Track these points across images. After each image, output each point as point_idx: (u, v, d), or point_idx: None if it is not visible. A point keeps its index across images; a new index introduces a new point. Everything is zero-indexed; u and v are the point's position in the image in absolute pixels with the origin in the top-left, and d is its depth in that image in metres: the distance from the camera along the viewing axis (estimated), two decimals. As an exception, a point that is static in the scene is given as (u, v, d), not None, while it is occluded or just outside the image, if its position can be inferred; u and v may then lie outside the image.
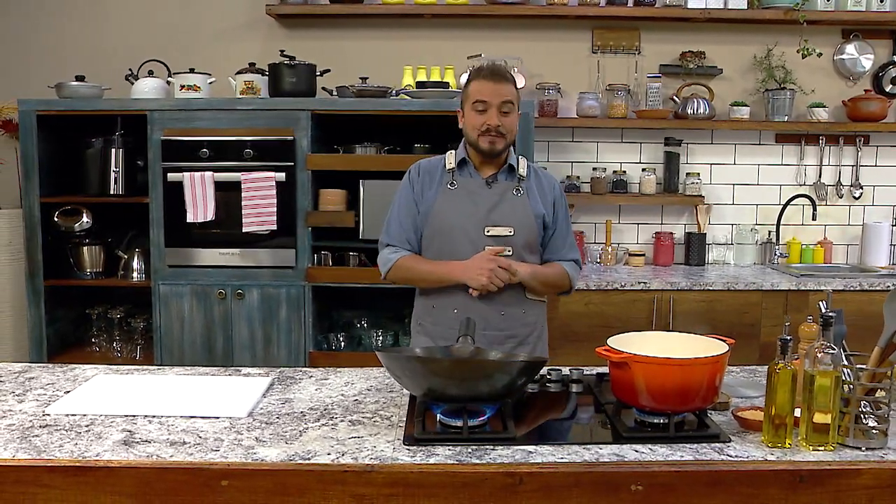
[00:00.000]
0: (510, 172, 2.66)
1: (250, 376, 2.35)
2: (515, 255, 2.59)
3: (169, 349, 3.96)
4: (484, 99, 2.52)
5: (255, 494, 1.68)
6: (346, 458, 1.73)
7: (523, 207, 2.62)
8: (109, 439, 1.83)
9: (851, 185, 4.70)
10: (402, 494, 1.67)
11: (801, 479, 1.71)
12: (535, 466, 1.69)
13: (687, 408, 1.88)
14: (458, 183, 2.63)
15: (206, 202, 3.84)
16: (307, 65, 4.01)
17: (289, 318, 3.93)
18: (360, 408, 2.06)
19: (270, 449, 1.78)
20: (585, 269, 4.38)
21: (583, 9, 4.40)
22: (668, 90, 4.56)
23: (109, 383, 2.26)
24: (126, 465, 1.70)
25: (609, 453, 1.75)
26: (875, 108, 4.50)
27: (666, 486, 1.70)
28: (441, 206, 2.62)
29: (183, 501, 1.69)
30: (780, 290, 4.03)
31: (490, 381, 1.80)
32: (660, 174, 4.61)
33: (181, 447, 1.78)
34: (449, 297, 2.60)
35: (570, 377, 2.28)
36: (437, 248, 2.63)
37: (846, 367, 1.86)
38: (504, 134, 2.54)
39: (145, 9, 4.56)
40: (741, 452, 1.78)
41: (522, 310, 2.64)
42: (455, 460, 1.71)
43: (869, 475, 1.72)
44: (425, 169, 2.71)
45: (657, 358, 1.84)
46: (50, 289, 4.03)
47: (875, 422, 1.82)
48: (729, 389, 2.21)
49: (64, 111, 3.95)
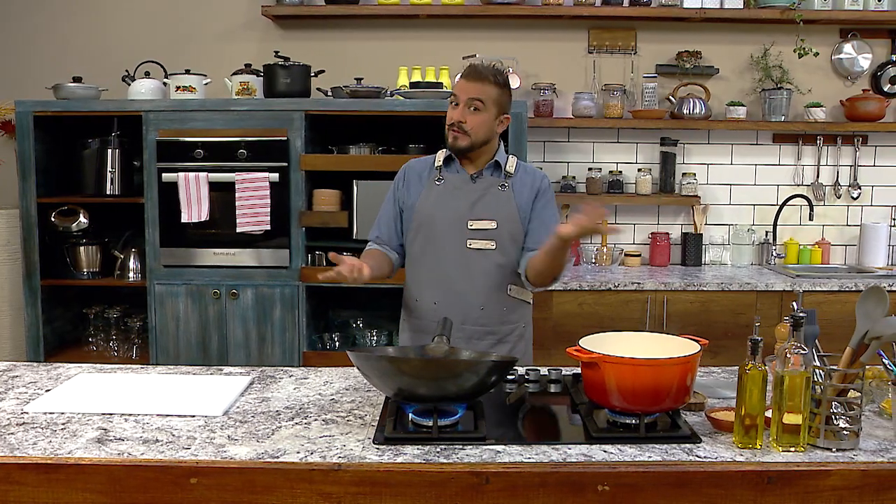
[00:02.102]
0: (496, 168, 2.65)
1: (231, 375, 2.36)
2: (500, 247, 2.59)
3: (164, 349, 3.98)
4: (455, 93, 2.55)
5: (224, 492, 1.70)
6: (315, 456, 1.74)
7: (508, 201, 2.61)
8: (83, 437, 1.85)
9: (849, 186, 4.68)
10: (369, 493, 1.68)
11: (769, 480, 1.71)
12: (502, 466, 1.70)
13: (658, 408, 1.88)
14: (445, 178, 2.65)
15: (201, 202, 3.86)
16: (301, 65, 4.02)
17: (283, 318, 3.95)
18: (335, 407, 2.08)
19: (241, 447, 1.79)
20: (580, 270, 4.38)
21: (578, 9, 4.40)
22: (664, 90, 4.56)
23: (91, 382, 2.28)
24: (96, 462, 1.72)
25: (577, 453, 1.76)
26: (873, 107, 4.47)
27: (633, 486, 1.70)
28: (425, 201, 2.64)
29: (152, 499, 1.70)
30: (774, 291, 4.02)
31: (458, 381, 1.81)
32: (656, 174, 4.60)
33: (153, 445, 1.80)
34: (430, 291, 2.63)
35: (549, 377, 2.28)
36: (422, 241, 2.65)
37: (818, 368, 1.86)
38: (467, 130, 2.53)
39: (143, 10, 4.59)
40: (710, 453, 1.78)
41: (503, 307, 2.64)
42: (423, 459, 1.72)
43: (837, 476, 1.72)
44: (415, 168, 2.74)
45: (627, 358, 1.85)
46: (47, 288, 4.06)
47: (847, 423, 1.82)
48: (706, 390, 2.21)
49: (61, 112, 3.98)
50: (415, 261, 2.69)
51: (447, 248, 2.60)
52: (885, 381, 2.08)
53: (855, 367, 1.86)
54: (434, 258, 2.63)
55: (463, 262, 2.59)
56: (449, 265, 2.60)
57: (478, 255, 2.59)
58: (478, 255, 2.59)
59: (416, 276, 2.70)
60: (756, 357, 1.82)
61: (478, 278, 2.60)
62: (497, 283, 2.61)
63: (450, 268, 2.60)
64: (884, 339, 1.83)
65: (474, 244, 2.59)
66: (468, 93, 2.52)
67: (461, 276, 2.60)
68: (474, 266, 2.59)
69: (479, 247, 2.59)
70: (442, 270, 2.61)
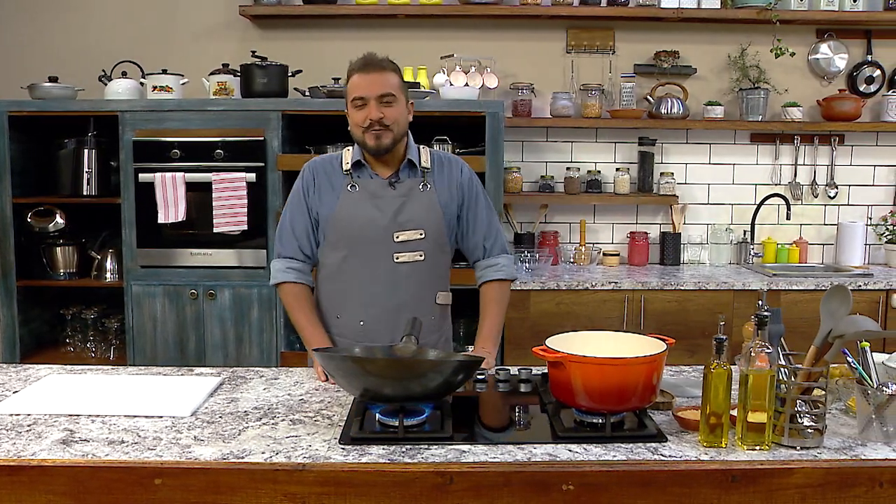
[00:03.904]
0: (412, 168, 2.50)
1: (202, 376, 2.36)
2: (429, 257, 2.48)
3: (142, 349, 3.97)
4: (361, 94, 2.36)
5: (188, 493, 1.69)
6: (280, 457, 1.74)
7: (432, 205, 2.48)
8: (49, 438, 1.84)
9: (826, 185, 4.71)
10: (333, 493, 1.68)
11: (733, 479, 1.72)
12: (466, 466, 1.70)
13: (624, 407, 1.88)
14: (359, 185, 2.47)
15: (177, 203, 3.85)
16: (278, 65, 4.02)
17: (261, 319, 3.94)
18: (303, 407, 2.07)
19: (207, 448, 1.79)
20: (558, 269, 4.39)
21: (556, 8, 4.40)
22: (642, 90, 4.57)
23: (60, 383, 2.27)
24: (60, 463, 1.71)
25: (542, 453, 1.76)
26: (849, 107, 4.50)
27: (597, 486, 1.70)
28: (343, 212, 2.46)
29: (117, 500, 1.70)
30: (751, 290, 4.04)
31: (423, 381, 1.81)
32: (634, 174, 4.61)
33: (118, 446, 1.80)
34: (354, 309, 2.49)
35: (519, 377, 2.29)
36: (342, 255, 2.48)
37: (782, 367, 1.87)
38: (388, 125, 2.37)
39: (120, 10, 4.57)
40: (676, 452, 1.78)
41: (432, 317, 2.52)
42: (387, 459, 1.72)
43: (801, 474, 1.73)
44: (321, 169, 2.53)
45: (592, 358, 1.85)
46: (23, 289, 4.04)
47: (811, 421, 1.83)
48: (675, 389, 2.22)
49: (37, 112, 3.96)
50: (332, 275, 2.51)
51: (372, 264, 2.45)
52: (851, 380, 2.09)
53: (819, 366, 1.88)
54: (357, 275, 2.47)
55: (391, 277, 2.45)
56: (375, 283, 2.46)
57: (406, 269, 2.46)
58: (406, 269, 2.46)
59: (334, 291, 2.52)
60: (721, 356, 1.83)
61: (406, 293, 2.46)
62: (426, 294, 2.51)
63: (376, 286, 2.46)
64: (846, 337, 1.84)
65: (402, 257, 2.45)
66: (376, 89, 2.35)
67: (389, 292, 2.46)
68: (403, 281, 2.46)
69: (406, 259, 2.46)
70: (367, 289, 2.46)
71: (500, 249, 2.62)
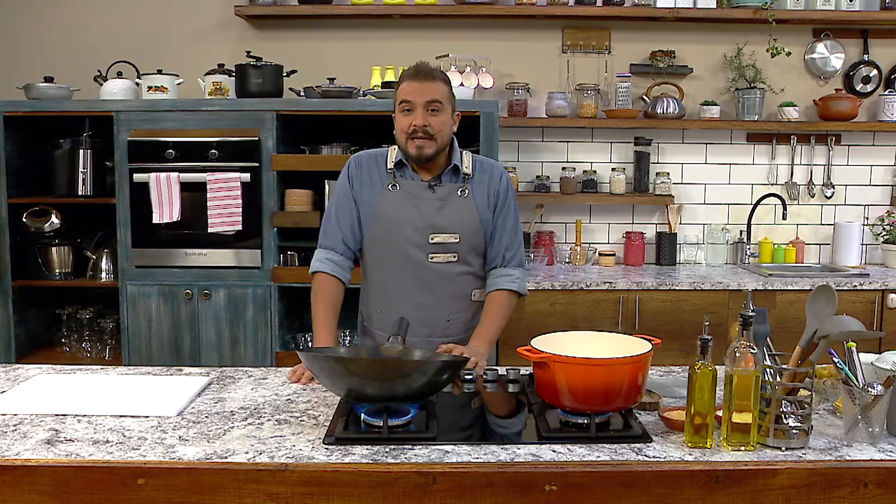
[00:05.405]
0: (454, 173, 2.56)
1: (190, 376, 2.36)
2: (461, 259, 2.55)
3: (137, 349, 3.97)
4: (409, 99, 2.42)
5: (172, 493, 1.69)
6: (264, 457, 1.73)
7: (469, 210, 2.54)
8: (34, 438, 1.84)
9: (823, 185, 4.70)
10: (316, 493, 1.68)
11: (717, 480, 1.72)
12: (449, 466, 1.70)
13: (609, 408, 1.88)
14: (400, 184, 2.54)
15: (172, 203, 3.86)
16: (273, 65, 4.02)
17: (255, 319, 3.94)
18: (290, 407, 2.07)
19: (191, 448, 1.79)
20: (553, 269, 4.38)
21: (552, 8, 4.40)
22: (638, 90, 4.57)
23: (48, 383, 2.27)
24: (44, 463, 1.71)
25: (526, 453, 1.76)
26: (846, 107, 4.49)
27: (581, 486, 1.70)
28: (383, 210, 2.54)
29: (100, 500, 1.70)
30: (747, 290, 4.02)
31: (407, 381, 1.81)
32: (630, 174, 4.60)
33: (103, 446, 1.80)
34: (392, 304, 2.55)
35: (507, 377, 2.29)
36: (380, 252, 2.56)
37: (767, 367, 1.87)
38: (433, 135, 2.43)
39: (116, 10, 4.57)
40: (660, 453, 1.78)
41: (469, 314, 2.60)
42: (371, 460, 1.72)
43: (785, 475, 1.73)
44: (365, 164, 2.60)
45: (576, 358, 1.85)
46: (18, 289, 4.04)
47: (797, 421, 1.83)
48: (663, 389, 2.21)
49: (32, 112, 3.96)
50: (372, 270, 2.61)
51: (409, 263, 2.52)
52: (839, 381, 2.08)
53: (804, 366, 1.87)
54: (394, 272, 2.55)
55: (426, 276, 2.53)
56: (411, 280, 2.54)
57: (440, 268, 2.53)
58: (440, 268, 2.53)
59: (374, 286, 2.63)
60: (706, 356, 1.83)
61: (442, 291, 2.54)
62: (462, 292, 2.57)
63: (412, 283, 2.54)
64: (831, 337, 1.84)
65: (436, 258, 2.53)
66: (424, 95, 2.41)
67: (425, 290, 2.54)
68: (437, 280, 2.54)
69: (440, 260, 2.53)
70: (404, 285, 2.55)
71: (518, 262, 2.65)
